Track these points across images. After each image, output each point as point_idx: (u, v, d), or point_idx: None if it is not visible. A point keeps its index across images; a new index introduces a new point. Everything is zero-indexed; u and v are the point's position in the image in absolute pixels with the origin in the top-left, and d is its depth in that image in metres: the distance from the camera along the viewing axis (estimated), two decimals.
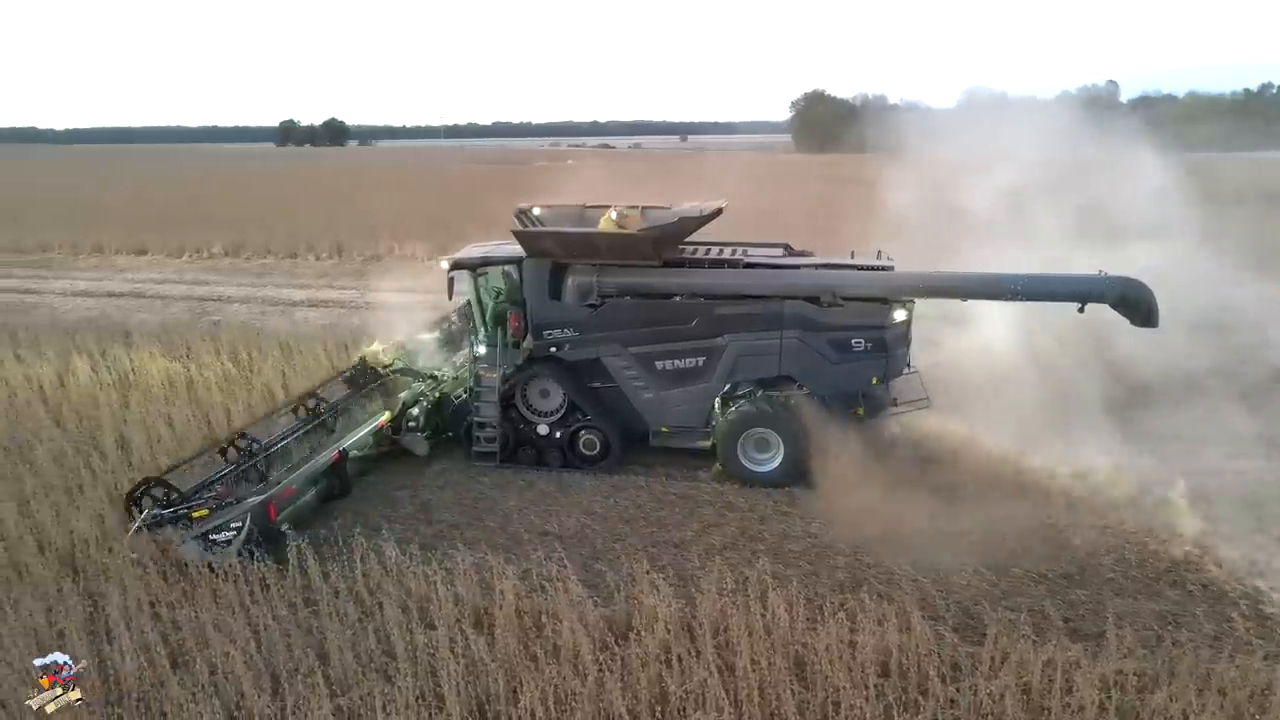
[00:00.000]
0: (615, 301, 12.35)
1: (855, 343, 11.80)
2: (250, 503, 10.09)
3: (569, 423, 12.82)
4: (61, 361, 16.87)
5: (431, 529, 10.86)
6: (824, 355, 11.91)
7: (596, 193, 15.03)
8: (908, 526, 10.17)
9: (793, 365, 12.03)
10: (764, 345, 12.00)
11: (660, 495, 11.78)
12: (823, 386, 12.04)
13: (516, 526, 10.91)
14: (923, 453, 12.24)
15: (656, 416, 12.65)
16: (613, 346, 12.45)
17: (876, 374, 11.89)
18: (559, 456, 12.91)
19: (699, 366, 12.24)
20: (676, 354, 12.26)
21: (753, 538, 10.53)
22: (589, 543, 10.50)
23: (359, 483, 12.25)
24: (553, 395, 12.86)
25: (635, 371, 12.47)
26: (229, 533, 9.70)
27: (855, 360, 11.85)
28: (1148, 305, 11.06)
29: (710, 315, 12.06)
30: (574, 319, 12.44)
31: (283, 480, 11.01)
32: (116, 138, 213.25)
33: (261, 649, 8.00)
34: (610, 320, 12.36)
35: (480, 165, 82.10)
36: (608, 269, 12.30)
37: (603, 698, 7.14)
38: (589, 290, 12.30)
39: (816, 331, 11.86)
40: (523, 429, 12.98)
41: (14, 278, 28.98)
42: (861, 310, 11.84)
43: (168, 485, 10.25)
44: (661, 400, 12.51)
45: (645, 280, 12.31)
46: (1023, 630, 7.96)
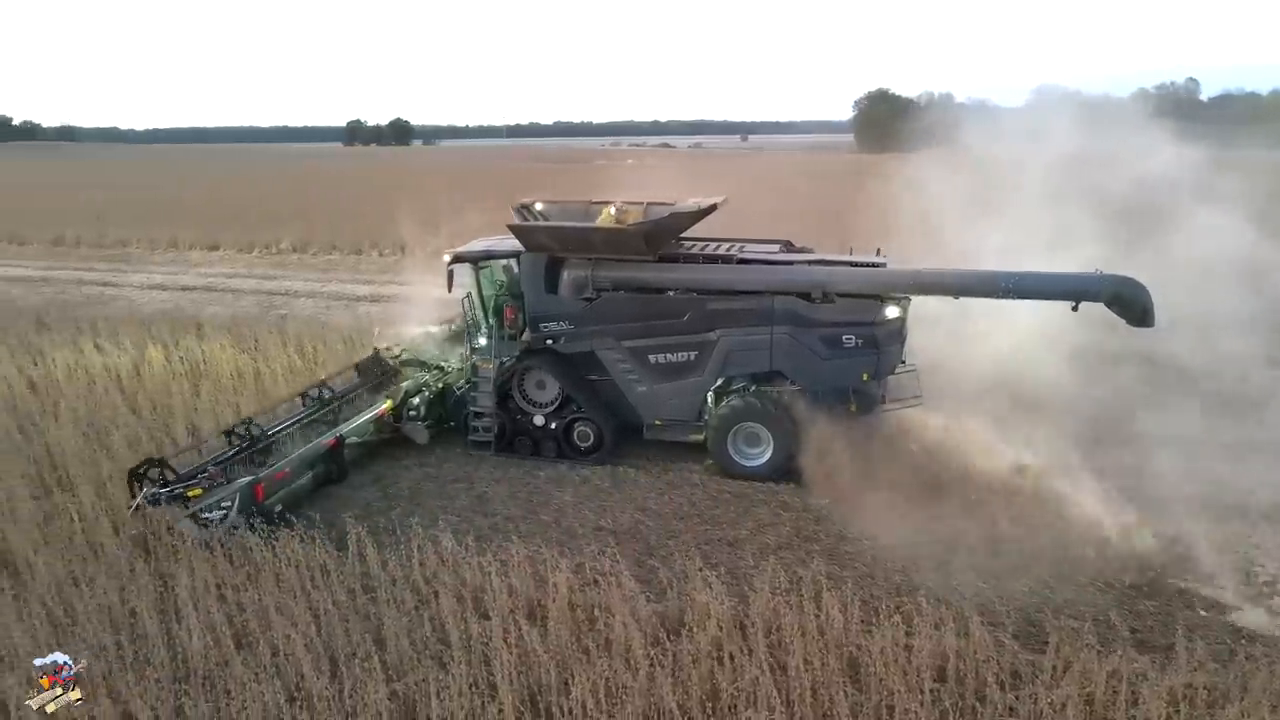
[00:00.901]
0: (609, 295, 12.49)
1: (846, 339, 11.77)
2: (239, 483, 10.53)
3: (564, 414, 13.02)
4: (138, 351, 17.52)
5: (487, 521, 10.98)
6: (815, 351, 11.89)
7: (652, 191, 15.00)
8: (966, 535, 9.98)
9: (784, 361, 12.06)
10: (755, 340, 12.04)
11: (715, 494, 11.72)
12: (814, 382, 12.06)
13: (571, 521, 10.97)
14: (961, 458, 11.87)
15: (650, 409, 12.79)
16: (607, 340, 12.61)
17: (867, 370, 11.82)
18: (554, 447, 13.13)
19: (691, 361, 12.34)
20: (669, 348, 12.37)
21: (807, 538, 10.42)
22: (643, 539, 10.51)
23: (415, 474, 12.48)
24: (549, 387, 13.08)
25: (629, 365, 12.62)
26: (219, 511, 10.13)
27: (846, 356, 11.81)
28: (1142, 305, 10.71)
29: (702, 310, 12.14)
30: (569, 312, 12.62)
31: (276, 464, 11.40)
32: (193, 138, 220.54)
33: (321, 632, 8.18)
34: (604, 314, 12.52)
35: (541, 164, 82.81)
36: (603, 263, 12.42)
37: (653, 692, 7.14)
38: (584, 284, 12.46)
39: (807, 327, 11.86)
40: (520, 420, 13.22)
41: (95, 271, 30.17)
42: (853, 307, 11.80)
43: (166, 465, 10.65)
44: (654, 393, 12.65)
45: (639, 275, 12.43)
46: (1086, 639, 7.72)
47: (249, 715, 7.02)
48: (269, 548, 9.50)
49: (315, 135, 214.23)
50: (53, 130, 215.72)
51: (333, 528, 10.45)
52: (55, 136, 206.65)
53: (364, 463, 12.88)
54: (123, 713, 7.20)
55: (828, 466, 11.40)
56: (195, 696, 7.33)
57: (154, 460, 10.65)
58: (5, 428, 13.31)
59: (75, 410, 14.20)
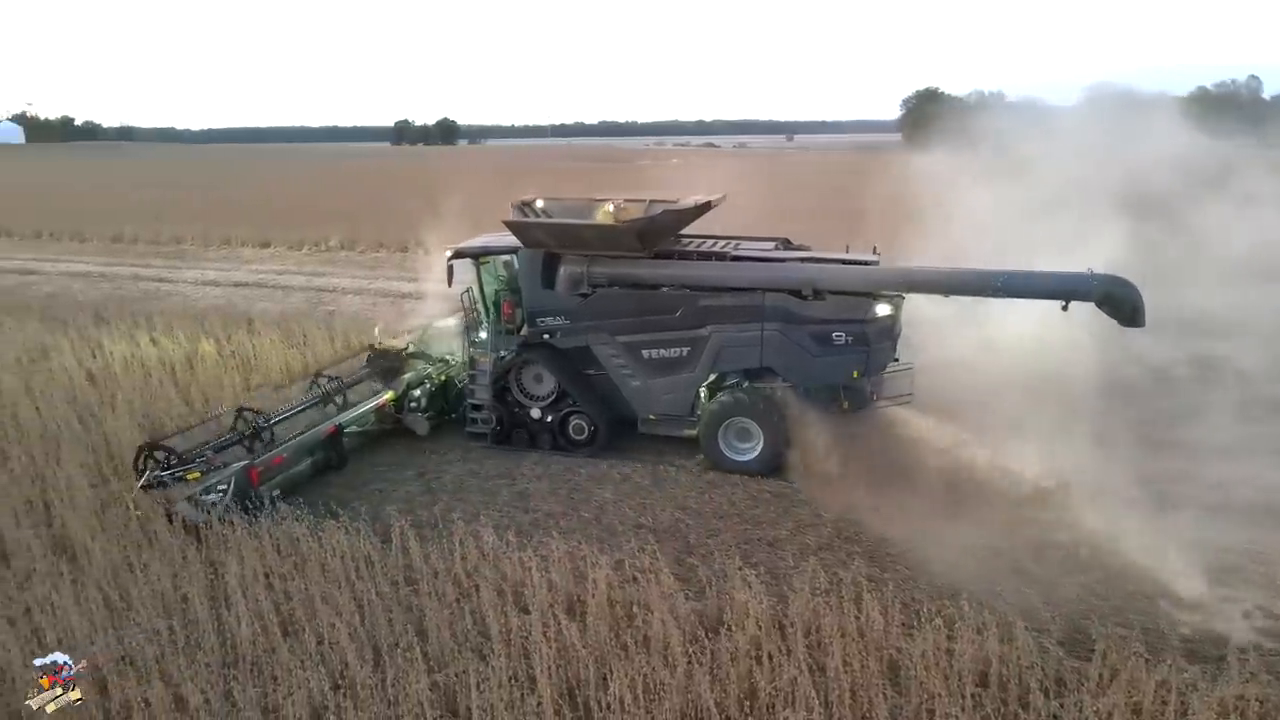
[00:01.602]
0: (604, 291, 12.71)
1: (836, 336, 11.83)
2: (234, 468, 10.85)
3: (560, 407, 13.24)
4: (191, 345, 17.99)
5: (528, 517, 11.07)
6: (805, 348, 11.97)
7: (689, 190, 14.98)
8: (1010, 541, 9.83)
9: (774, 357, 12.16)
10: (746, 337, 12.17)
11: (755, 493, 11.70)
12: (804, 379, 12.19)
13: (611, 518, 11.01)
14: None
15: (644, 404, 12.99)
16: (601, 335, 12.83)
17: (857, 368, 11.87)
18: (549, 440, 13.36)
19: (684, 356, 12.49)
20: (662, 343, 12.54)
21: (848, 539, 10.34)
22: (682, 537, 10.52)
23: (458, 470, 12.62)
24: (545, 380, 13.29)
25: (623, 360, 12.80)
26: (215, 494, 10.48)
27: (836, 353, 11.87)
28: (1132, 305, 10.71)
29: (694, 306, 12.29)
30: (566, 307, 12.87)
31: (274, 450, 11.74)
32: (246, 137, 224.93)
33: (365, 622, 8.33)
34: (599, 309, 12.75)
35: (585, 163, 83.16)
36: (598, 260, 12.62)
37: (691, 690, 7.15)
38: (580, 280, 12.67)
39: (798, 324, 11.94)
40: (518, 412, 13.46)
41: (151, 267, 30.97)
42: (843, 304, 11.87)
43: (168, 449, 11.02)
44: (648, 388, 12.82)
45: (632, 271, 12.60)
46: (1135, 648, 7.57)
47: (295, 702, 7.16)
48: (315, 539, 9.69)
49: (364, 135, 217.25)
50: (113, 130, 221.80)
51: (377, 520, 10.63)
52: (115, 136, 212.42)
53: (408, 458, 13.08)
54: (175, 695, 7.39)
55: (824, 464, 11.55)
56: (244, 681, 7.50)
57: (155, 443, 11.10)
58: (65, 418, 13.72)
59: (131, 402, 14.60)
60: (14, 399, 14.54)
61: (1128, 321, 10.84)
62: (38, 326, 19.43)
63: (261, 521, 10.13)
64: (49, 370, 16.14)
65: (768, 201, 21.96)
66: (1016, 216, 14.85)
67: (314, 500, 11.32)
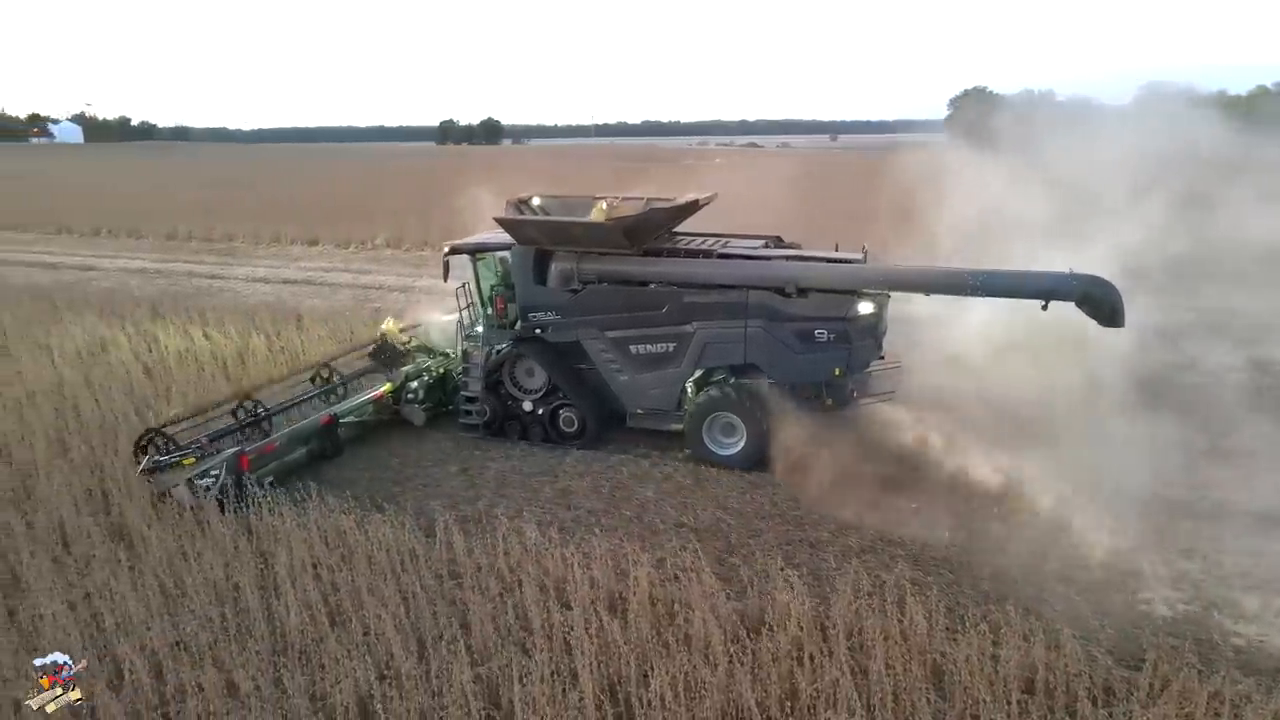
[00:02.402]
0: (594, 287, 12.95)
1: (819, 333, 11.96)
2: (226, 454, 11.22)
3: (551, 401, 13.50)
4: (242, 340, 18.38)
5: (570, 514, 11.14)
6: (788, 345, 12.12)
7: (737, 189, 15.02)
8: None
9: (757, 354, 12.31)
10: (730, 333, 12.33)
11: (797, 494, 11.65)
12: (787, 375, 12.35)
13: (653, 517, 11.05)
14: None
15: (632, 398, 13.23)
16: (591, 330, 13.06)
17: (839, 365, 12.01)
18: (541, 432, 13.67)
19: (670, 352, 12.70)
20: (649, 339, 12.76)
21: (892, 542, 10.24)
22: (724, 536, 10.51)
23: (500, 466, 12.75)
24: (537, 374, 13.55)
25: (612, 355, 13.04)
26: (209, 479, 10.88)
27: (819, 351, 12.01)
28: (1111, 305, 10.71)
29: (679, 303, 12.47)
30: (557, 303, 13.13)
31: (268, 437, 12.19)
32: (296, 137, 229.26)
33: (410, 614, 8.46)
34: (589, 305, 12.98)
35: (627, 163, 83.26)
36: (588, 257, 12.86)
37: (732, 689, 7.16)
38: (570, 276, 12.94)
39: (780, 321, 12.10)
40: (510, 405, 13.74)
41: (204, 264, 31.65)
42: (825, 302, 11.99)
43: (166, 436, 11.47)
44: (636, 383, 13.06)
45: (620, 268, 12.80)
46: (1187, 658, 7.42)
47: (342, 690, 7.30)
48: (362, 531, 9.87)
49: (410, 135, 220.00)
50: (168, 130, 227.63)
51: (421, 514, 10.80)
52: (170, 136, 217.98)
53: (452, 452, 13.25)
54: (227, 680, 7.59)
55: (804, 460, 11.72)
56: (292, 669, 7.68)
57: (156, 430, 11.51)
58: (123, 410, 14.11)
59: (185, 395, 14.99)
60: (75, 391, 14.99)
61: (1107, 321, 10.82)
62: (96, 321, 20.01)
63: (310, 513, 10.33)
64: (108, 363, 16.61)
65: (802, 201, 21.85)
66: (1060, 218, 14.68)
67: (360, 494, 11.54)
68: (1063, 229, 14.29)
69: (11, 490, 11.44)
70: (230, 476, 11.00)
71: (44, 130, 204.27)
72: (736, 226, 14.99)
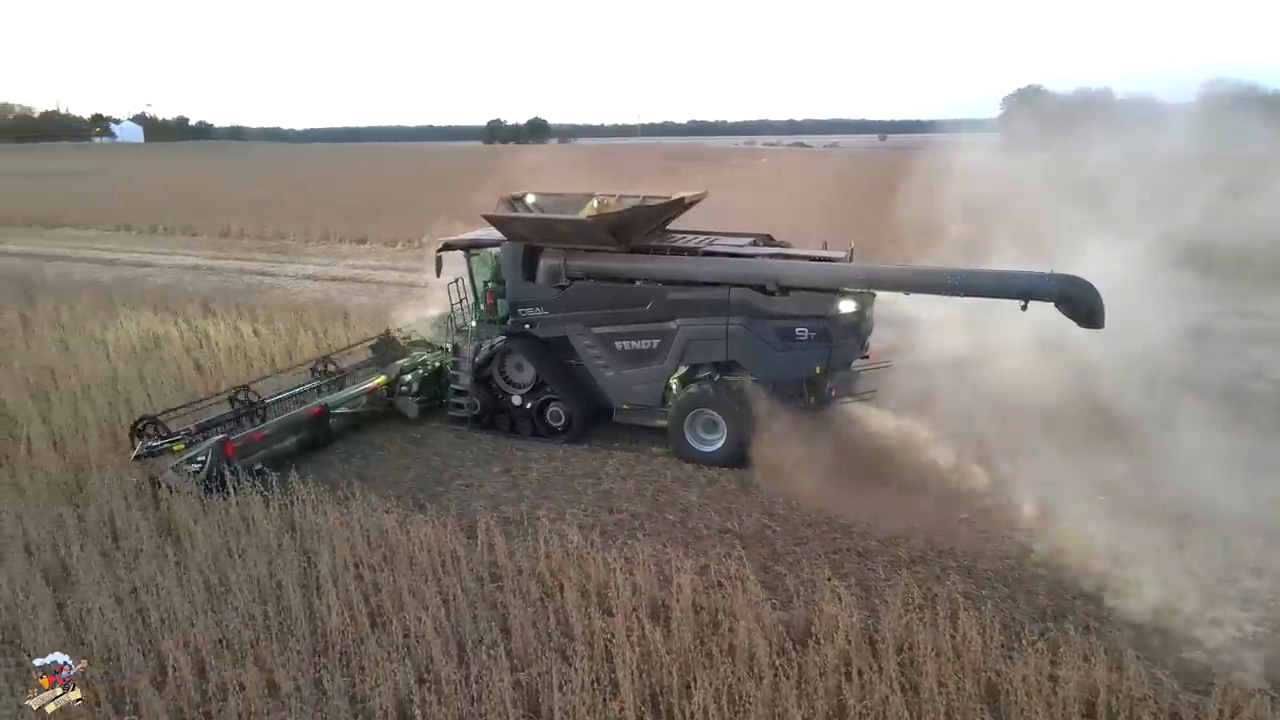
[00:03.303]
0: (580, 284, 13.12)
1: (800, 331, 11.98)
2: (211, 441, 11.54)
3: (539, 395, 13.66)
4: (290, 337, 18.58)
5: (613, 518, 11.01)
6: (769, 343, 12.17)
7: (771, 187, 14.78)
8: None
9: (739, 351, 12.37)
10: (712, 330, 12.40)
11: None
12: (768, 373, 12.38)
13: (696, 522, 10.86)
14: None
15: (618, 394, 13.39)
16: (577, 326, 13.24)
17: (820, 363, 12.02)
18: (529, 426, 13.81)
19: (654, 348, 12.80)
20: (634, 335, 12.88)
21: (943, 553, 9.92)
22: (769, 544, 10.29)
23: (543, 468, 12.66)
24: (526, 369, 13.73)
25: (598, 350, 13.19)
26: (196, 465, 11.25)
27: (799, 349, 12.04)
28: (1089, 305, 10.56)
29: (663, 300, 12.59)
30: (545, 299, 13.33)
31: (255, 427, 12.55)
32: (346, 137, 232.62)
33: (450, 617, 8.38)
34: (576, 301, 13.16)
35: (670, 162, 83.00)
36: (575, 253, 13.06)
37: (778, 703, 6.96)
38: (558, 273, 13.10)
39: (762, 319, 12.15)
40: (501, 399, 13.94)
41: (255, 261, 32.16)
42: (807, 300, 12.01)
43: (158, 423, 11.91)
44: (621, 378, 13.19)
45: (605, 264, 12.96)
46: (1259, 685, 7.03)
47: (381, 693, 7.24)
48: (404, 531, 9.83)
49: (458, 134, 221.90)
50: (224, 130, 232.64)
51: (463, 515, 10.74)
52: (225, 135, 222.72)
53: (494, 453, 13.20)
54: (268, 680, 7.58)
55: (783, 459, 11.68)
56: (333, 670, 7.64)
57: (150, 418, 11.96)
58: (175, 404, 14.25)
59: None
60: (128, 386, 15.23)
61: (1085, 322, 10.65)
62: (151, 317, 20.38)
63: (353, 511, 10.33)
64: (160, 358, 16.87)
65: (845, 201, 21.48)
66: (1116, 220, 14.21)
67: (403, 493, 11.56)
68: (1129, 230, 13.86)
69: (65, 483, 11.63)
70: (216, 462, 11.31)
71: (106, 130, 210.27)
72: (765, 227, 14.86)
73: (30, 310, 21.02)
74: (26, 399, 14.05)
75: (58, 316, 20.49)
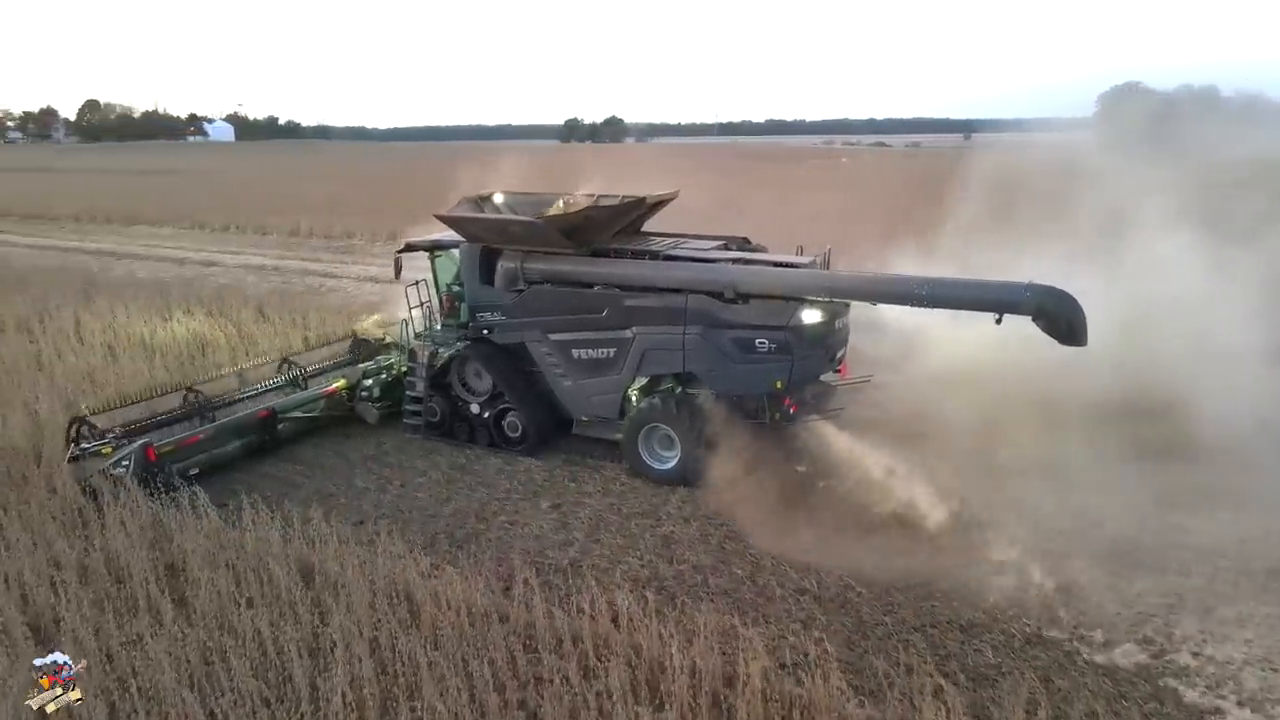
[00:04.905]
0: (537, 288, 12.47)
1: (760, 343, 11.10)
2: (134, 445, 11.17)
3: (497, 404, 13.00)
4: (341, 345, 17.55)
5: (672, 569, 9.58)
6: (726, 354, 11.34)
7: (857, 188, 13.40)
8: None
9: (695, 362, 11.58)
10: (668, 339, 11.65)
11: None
12: (725, 386, 11.53)
13: (768, 578, 9.35)
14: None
15: (575, 405, 12.75)
16: (535, 332, 12.60)
17: (781, 377, 11.08)
18: (487, 435, 13.19)
19: (610, 357, 12.08)
20: (590, 343, 12.18)
21: (1061, 626, 8.22)
22: (853, 610, 8.73)
23: (596, 504, 11.32)
24: (485, 376, 13.08)
25: (556, 358, 12.53)
26: (120, 469, 10.85)
27: (758, 361, 11.17)
28: (1068, 320, 9.68)
29: (619, 306, 11.88)
30: (502, 303, 12.72)
31: (189, 430, 12.11)
32: (427, 136, 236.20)
33: (473, 702, 7.07)
34: (532, 306, 12.54)
35: (746, 161, 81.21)
36: (532, 255, 12.39)
37: None
38: (515, 276, 12.49)
39: (719, 329, 11.31)
40: (460, 406, 13.32)
41: (320, 262, 31.65)
42: (766, 309, 11.13)
43: (90, 424, 11.59)
44: (579, 389, 12.50)
45: (561, 268, 12.29)
46: None
47: None
48: (429, 584, 8.57)
49: (535, 133, 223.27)
50: (310, 129, 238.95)
51: (502, 564, 9.48)
52: (312, 135, 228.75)
53: (544, 485, 11.91)
54: None
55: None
56: None
57: (80, 419, 11.63)
58: None
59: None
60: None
61: (1064, 339, 9.75)
62: (204, 321, 19.75)
63: (378, 557, 9.13)
64: (203, 366, 16.06)
65: (917, 202, 19.79)
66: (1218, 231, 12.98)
67: (439, 531, 10.44)
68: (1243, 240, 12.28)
69: (66, 516, 10.64)
70: (139, 467, 10.90)
71: (200, 129, 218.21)
72: (836, 233, 13.55)
73: (86, 311, 20.61)
74: (60, 412, 13.27)
75: (112, 318, 20.02)
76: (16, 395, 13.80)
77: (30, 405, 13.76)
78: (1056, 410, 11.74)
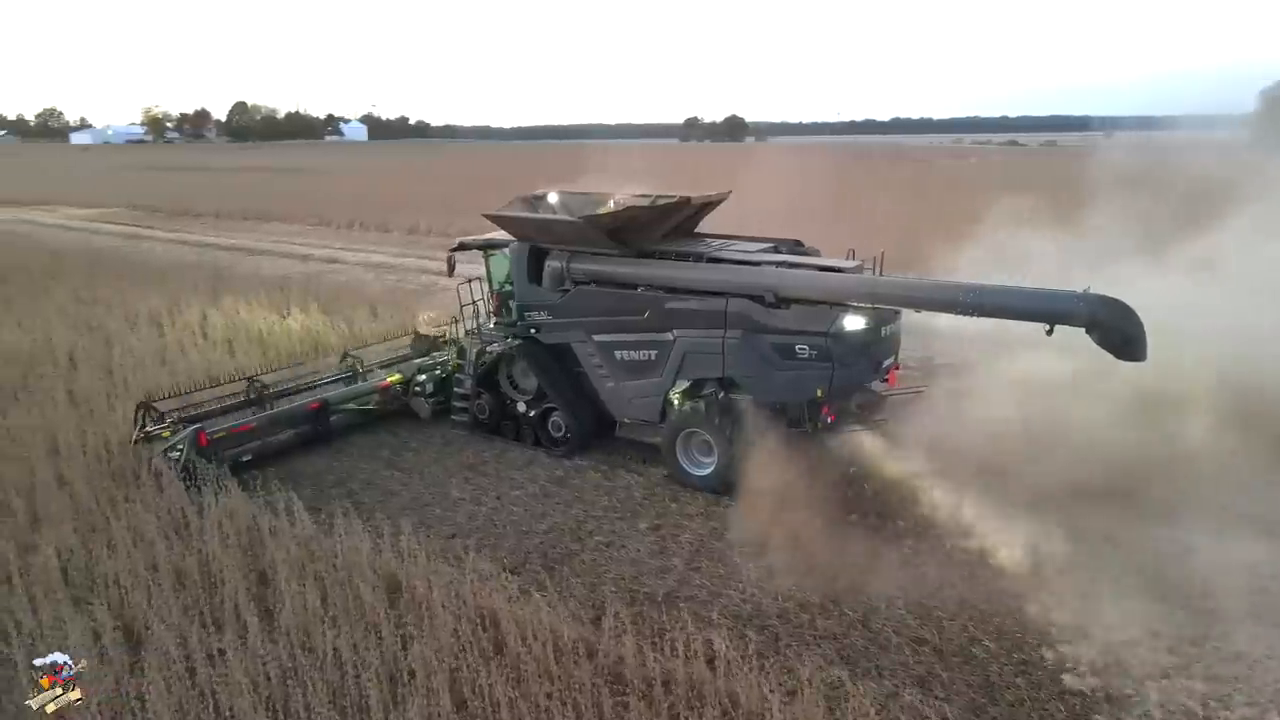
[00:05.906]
0: (582, 288, 12.36)
1: (800, 349, 10.65)
2: (188, 430, 11.49)
3: (542, 403, 12.97)
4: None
5: (776, 605, 8.80)
6: (766, 359, 10.92)
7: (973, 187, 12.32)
8: None
9: (736, 367, 11.21)
10: (708, 343, 11.32)
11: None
12: (764, 393, 11.13)
13: (882, 622, 8.47)
14: None
15: (617, 407, 12.57)
16: (579, 333, 12.51)
17: (821, 385, 10.59)
18: (532, 435, 13.16)
19: (652, 360, 11.88)
20: (632, 345, 12.00)
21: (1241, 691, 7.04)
22: (980, 668, 7.76)
23: (699, 527, 10.63)
24: (531, 375, 13.05)
25: (599, 359, 12.40)
26: (175, 453, 11.20)
27: (799, 368, 10.71)
28: (1123, 333, 9.01)
29: (660, 308, 11.67)
30: (549, 303, 12.64)
31: (243, 418, 12.53)
32: (549, 134, 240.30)
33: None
34: (577, 307, 12.45)
35: (866, 160, 78.64)
36: (578, 256, 12.26)
37: None
38: (561, 276, 12.40)
39: (760, 333, 10.92)
40: (508, 405, 13.34)
41: (436, 260, 31.58)
42: (808, 314, 10.72)
43: (153, 408, 12.16)
44: (621, 390, 12.34)
45: (605, 268, 12.13)
46: None
47: None
48: (514, 612, 8.08)
49: (655, 132, 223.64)
50: (439, 128, 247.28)
51: (594, 592, 8.93)
52: (440, 134, 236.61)
53: (644, 504, 11.31)
54: None
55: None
56: None
57: (145, 404, 12.18)
58: None
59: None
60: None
61: (1119, 353, 9.12)
62: (319, 320, 20.03)
63: (466, 578, 8.70)
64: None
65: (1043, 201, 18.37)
66: None
67: (531, 550, 9.97)
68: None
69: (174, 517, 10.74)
70: (192, 453, 11.21)
71: (336, 129, 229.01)
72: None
73: (212, 307, 21.28)
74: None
75: (235, 314, 20.58)
76: (139, 390, 14.12)
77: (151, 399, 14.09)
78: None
